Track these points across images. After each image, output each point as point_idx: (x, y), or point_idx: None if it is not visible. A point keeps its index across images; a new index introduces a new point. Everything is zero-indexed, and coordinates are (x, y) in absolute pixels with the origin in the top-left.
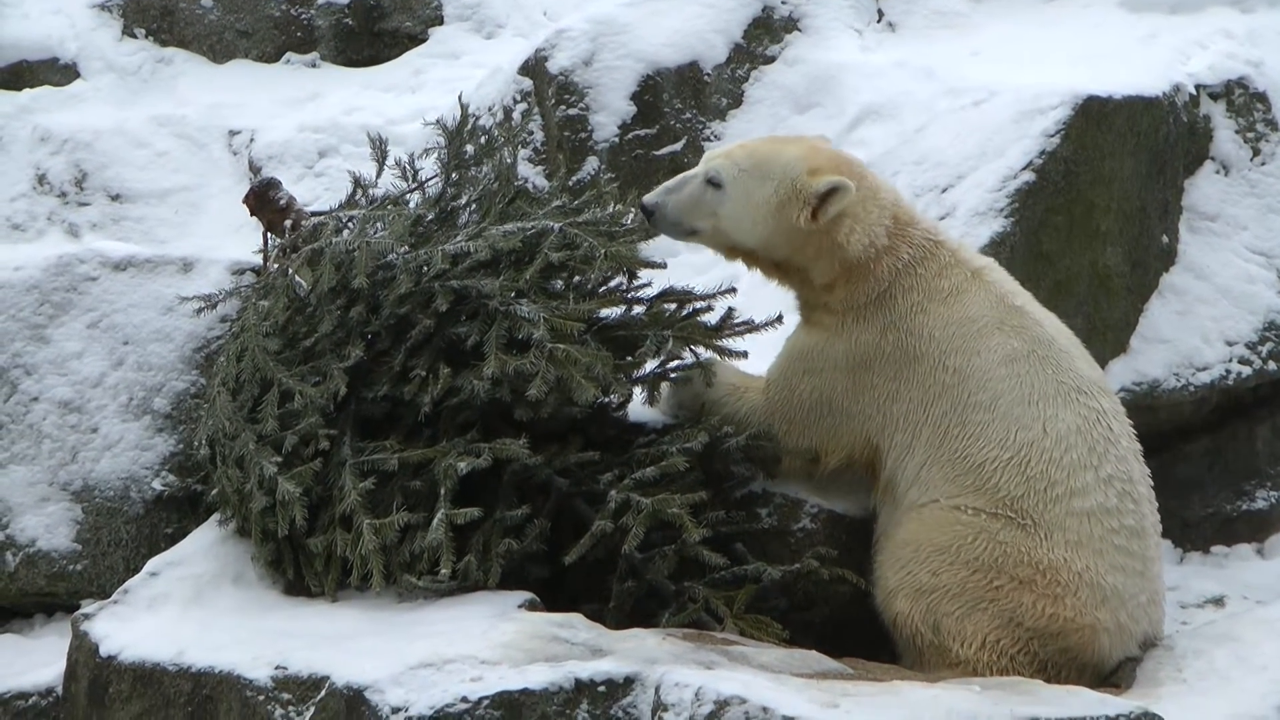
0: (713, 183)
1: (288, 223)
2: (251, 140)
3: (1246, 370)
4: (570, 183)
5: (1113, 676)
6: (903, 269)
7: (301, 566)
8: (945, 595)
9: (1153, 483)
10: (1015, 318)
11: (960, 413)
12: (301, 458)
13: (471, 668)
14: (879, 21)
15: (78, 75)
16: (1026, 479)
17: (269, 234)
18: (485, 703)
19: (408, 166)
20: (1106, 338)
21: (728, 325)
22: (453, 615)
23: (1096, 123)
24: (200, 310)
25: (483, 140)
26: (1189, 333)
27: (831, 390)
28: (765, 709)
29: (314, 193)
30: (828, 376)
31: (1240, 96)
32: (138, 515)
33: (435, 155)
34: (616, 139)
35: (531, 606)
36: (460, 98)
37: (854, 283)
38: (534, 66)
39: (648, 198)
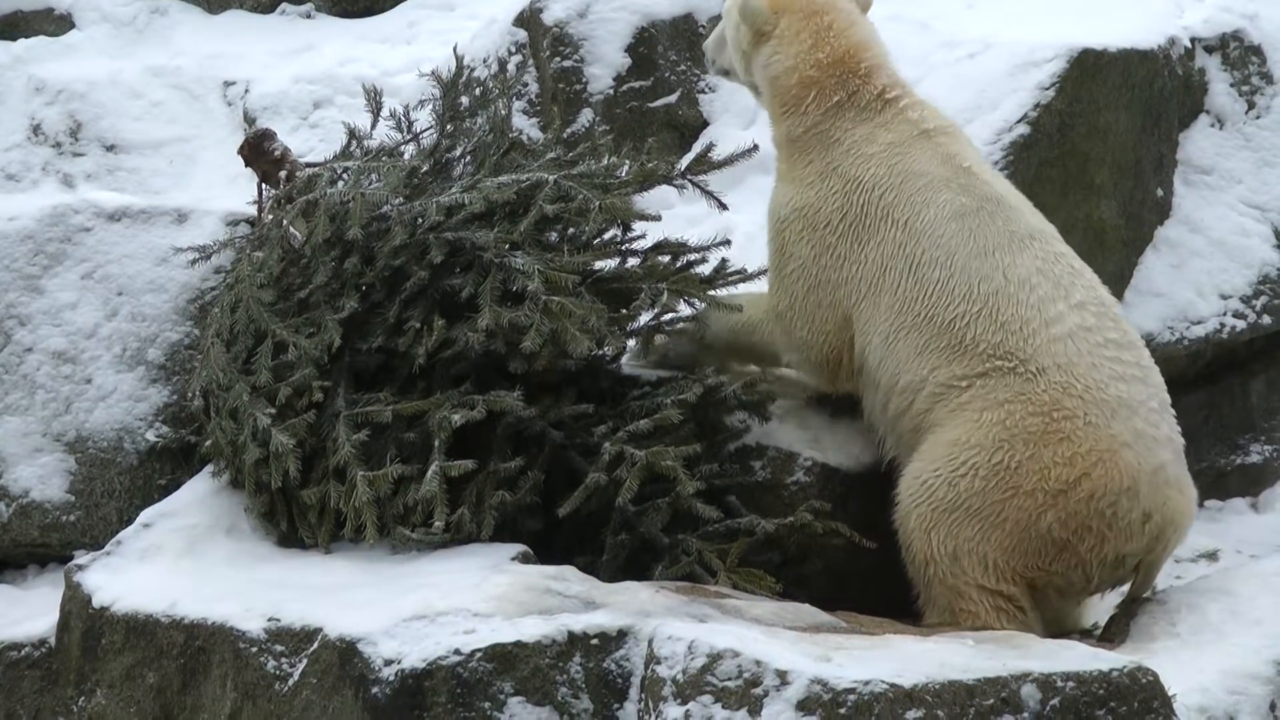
0: (724, 9)
1: (282, 174)
2: (246, 91)
3: (1240, 324)
4: (565, 135)
5: (1108, 629)
6: (835, 110)
7: (295, 518)
8: (966, 514)
9: None
10: (963, 177)
11: (915, 272)
12: (295, 409)
13: (464, 620)
14: None
15: (72, 25)
16: (1000, 325)
17: (264, 185)
18: (478, 655)
19: (402, 118)
20: None
21: (721, 275)
22: (446, 567)
23: (1091, 75)
24: (195, 261)
25: (477, 92)
26: (1183, 286)
27: (807, 259)
28: (758, 662)
29: (309, 144)
30: (798, 246)
31: (1235, 50)
32: (131, 466)
33: (430, 107)
34: (611, 91)
35: (525, 559)
36: (455, 49)
37: (788, 115)
38: (529, 18)
39: (705, 41)
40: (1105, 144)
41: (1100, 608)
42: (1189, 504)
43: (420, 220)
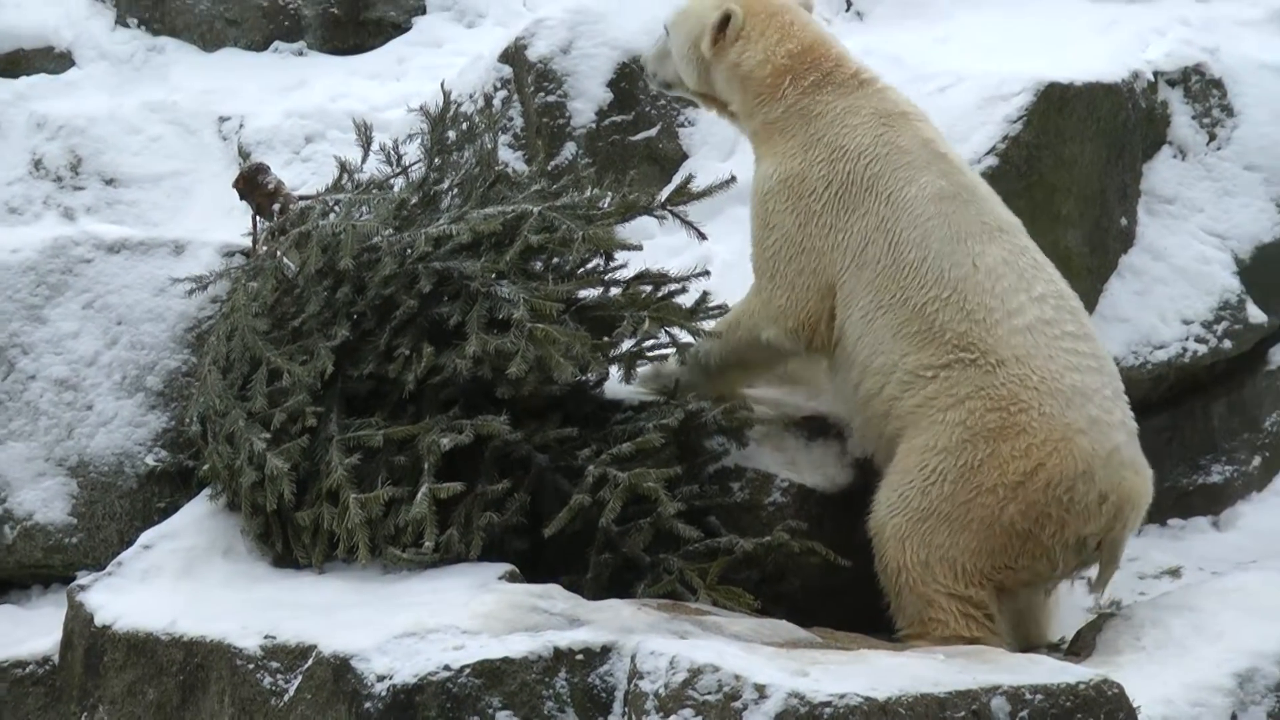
0: (666, 31)
1: (276, 206)
2: (241, 126)
3: (1202, 349)
4: (549, 167)
5: (1074, 643)
6: (813, 88)
7: (290, 539)
8: (938, 520)
9: None
10: (941, 162)
11: (895, 250)
12: (290, 434)
13: (453, 637)
14: (848, 10)
15: (72, 63)
16: (966, 313)
17: (258, 217)
18: (467, 671)
19: (392, 151)
20: None
21: (702, 308)
22: (435, 586)
23: (1058, 108)
24: (192, 291)
25: (464, 126)
26: (1147, 312)
27: (791, 229)
28: (737, 677)
29: (301, 177)
30: (783, 217)
31: (1197, 83)
32: (131, 490)
33: (418, 141)
34: (594, 125)
35: (511, 578)
36: (443, 85)
37: (764, 103)
38: (514, 54)
39: (641, 56)
40: (1071, 174)
41: (1068, 622)
42: (1145, 483)
43: (409, 251)
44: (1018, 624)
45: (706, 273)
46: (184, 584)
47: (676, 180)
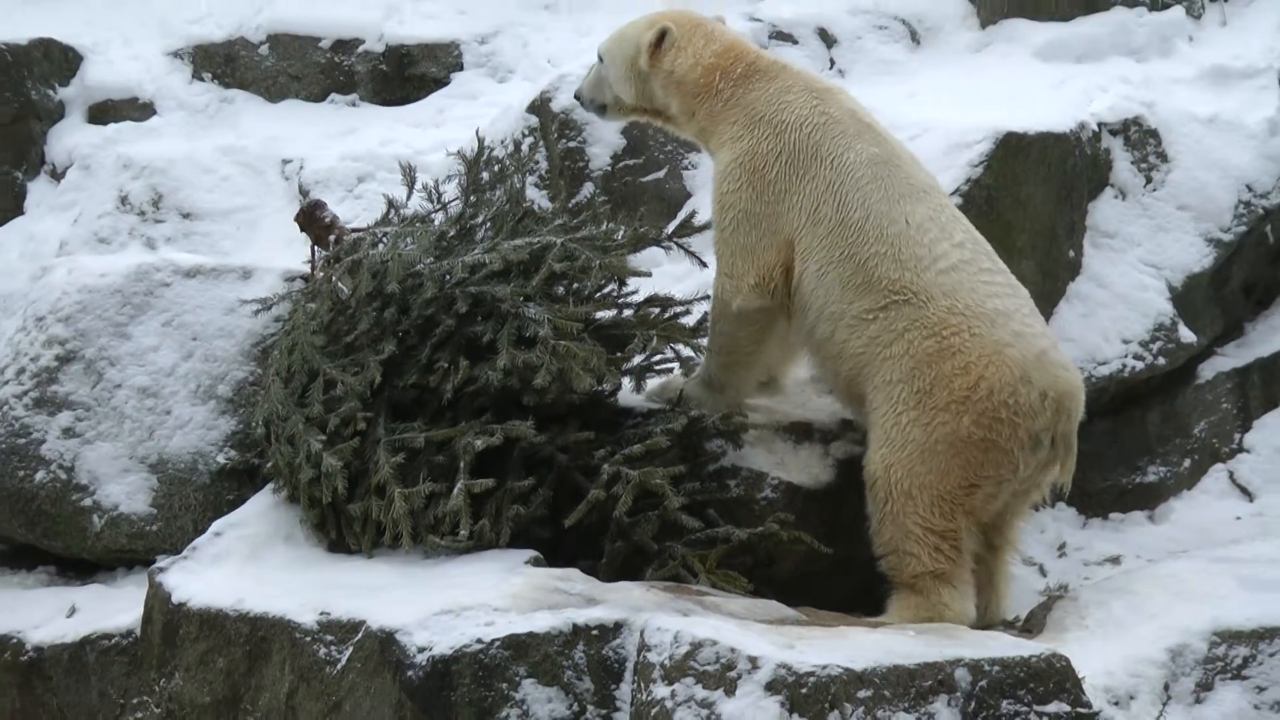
0: (600, 59)
1: (332, 237)
2: (301, 168)
3: (1140, 365)
4: (570, 204)
5: (1027, 621)
6: (743, 78)
7: (342, 528)
8: (915, 449)
9: None
10: (870, 131)
11: (841, 211)
12: (342, 436)
13: (485, 614)
14: (831, 68)
15: (154, 112)
16: (900, 264)
17: (316, 247)
18: (496, 644)
19: (433, 190)
20: None
21: (703, 328)
22: (469, 570)
23: (1014, 155)
24: (257, 311)
25: (496, 168)
26: (1091, 333)
27: (747, 204)
28: (733, 649)
29: (354, 212)
30: (740, 195)
31: (1135, 133)
32: (204, 484)
33: (456, 181)
34: (609, 167)
35: (536, 563)
36: (477, 132)
37: (702, 100)
38: (539, 106)
39: (575, 91)
40: (1026, 212)
41: (1021, 603)
42: (1076, 378)
43: (448, 277)
44: (980, 591)
45: (707, 296)
46: (250, 567)
47: (681, 216)
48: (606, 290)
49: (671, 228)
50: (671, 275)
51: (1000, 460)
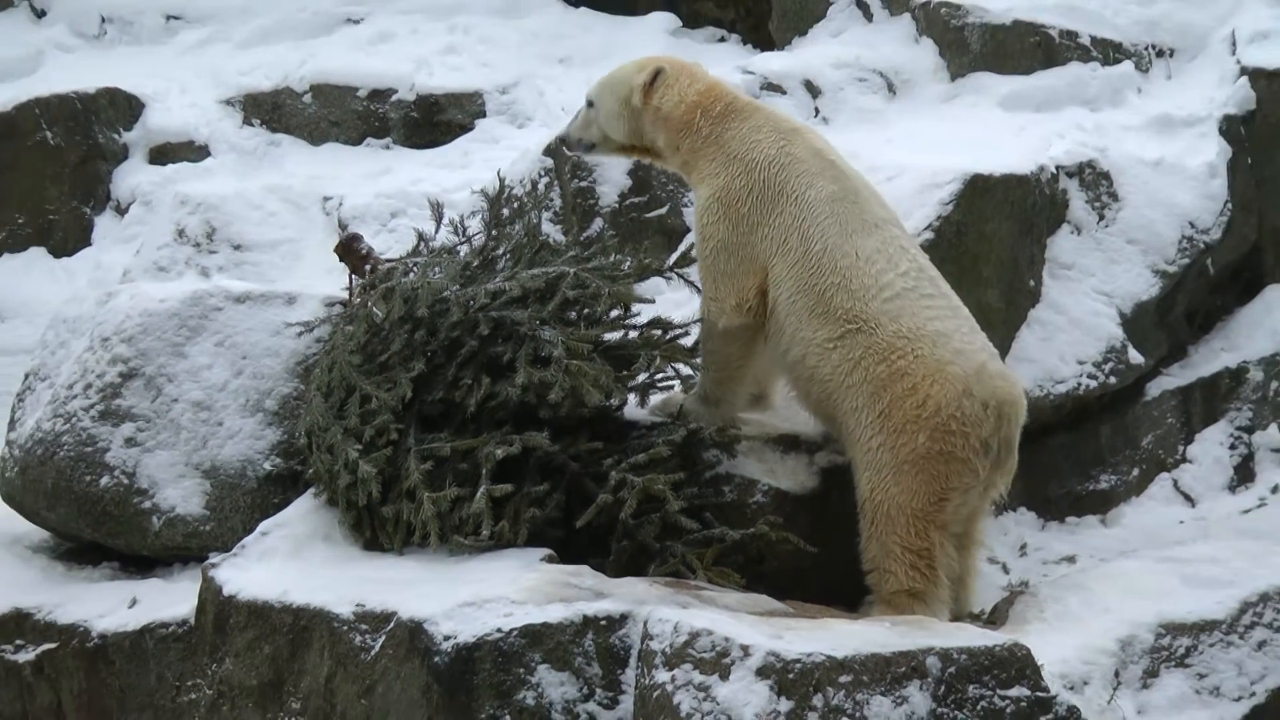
0: (590, 103)
1: (368, 267)
2: (340, 204)
3: (1093, 383)
4: (581, 238)
5: (992, 614)
6: (720, 118)
7: (376, 529)
8: (887, 469)
9: (1020, 465)
10: (831, 169)
11: (804, 244)
12: (376, 446)
13: (504, 606)
14: (815, 116)
15: (209, 154)
16: (851, 293)
17: (353, 275)
18: (514, 633)
19: (458, 225)
20: None
21: (700, 348)
22: (490, 566)
23: (980, 194)
24: (300, 333)
25: (515, 205)
26: (1050, 355)
27: (725, 235)
28: (727, 639)
29: (387, 244)
30: (718, 226)
31: (1089, 175)
32: (252, 489)
33: (479, 216)
34: (617, 204)
35: (550, 560)
36: (498, 173)
37: (684, 135)
38: (554, 149)
39: (560, 132)
40: (991, 246)
41: (986, 598)
42: (1015, 387)
43: (472, 302)
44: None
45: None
46: (293, 563)
47: (681, 248)
48: (614, 315)
49: (672, 259)
50: (672, 301)
51: (961, 470)
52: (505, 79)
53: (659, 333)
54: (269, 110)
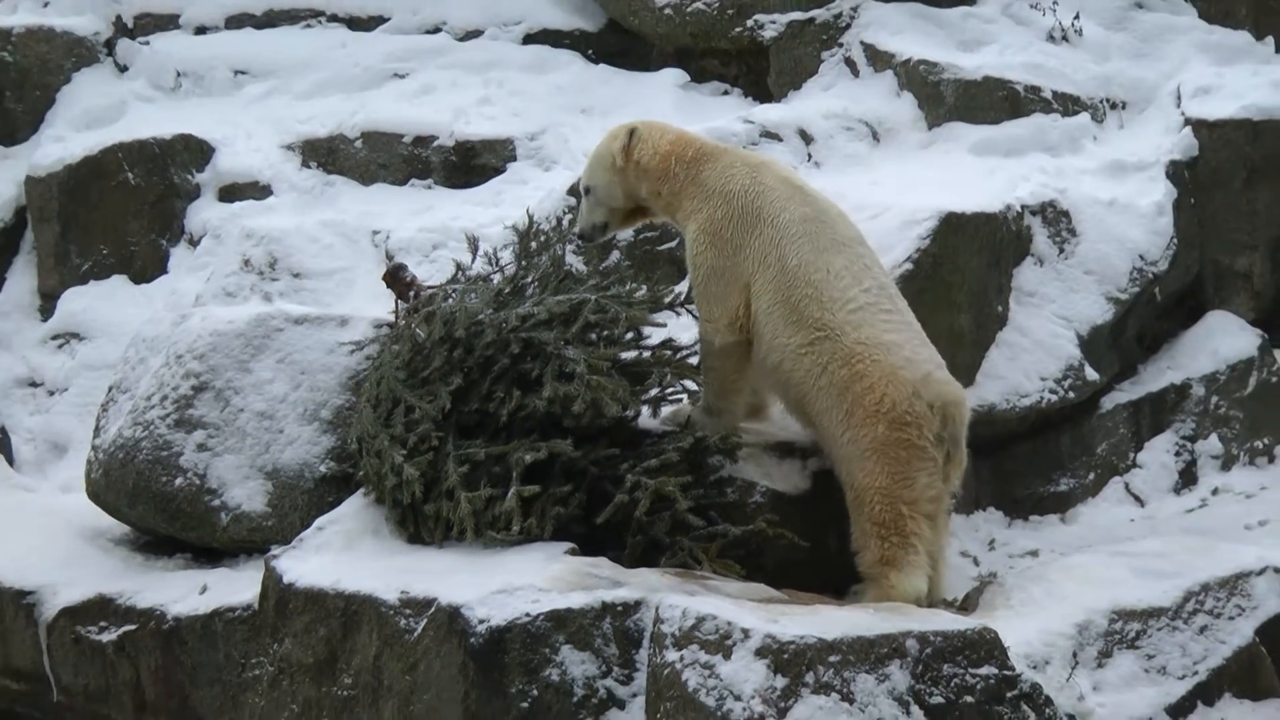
0: (586, 190)
1: (412, 293)
2: (387, 237)
3: (1054, 398)
4: (601, 268)
5: (964, 602)
6: (693, 162)
7: (419, 525)
8: (861, 458)
9: (989, 469)
10: (800, 194)
11: (780, 262)
12: (419, 451)
13: (532, 593)
14: (809, 161)
15: (271, 193)
16: (821, 304)
17: (399, 301)
18: (541, 617)
19: (492, 256)
20: (960, 375)
21: None
22: (520, 558)
23: (955, 230)
24: (352, 351)
25: (542, 239)
26: (1016, 372)
27: (712, 261)
28: (729, 623)
29: (429, 273)
30: (705, 254)
31: (1051, 213)
32: (309, 489)
33: (510, 249)
34: (632, 238)
35: (572, 553)
36: (528, 210)
37: (663, 182)
38: (577, 190)
39: (575, 230)
40: (963, 276)
41: (959, 587)
42: (959, 392)
43: (504, 325)
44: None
45: None
46: (345, 555)
47: (685, 284)
48: (630, 336)
49: (683, 294)
50: (681, 325)
51: (920, 454)
52: (534, 127)
53: (669, 352)
54: (325, 154)
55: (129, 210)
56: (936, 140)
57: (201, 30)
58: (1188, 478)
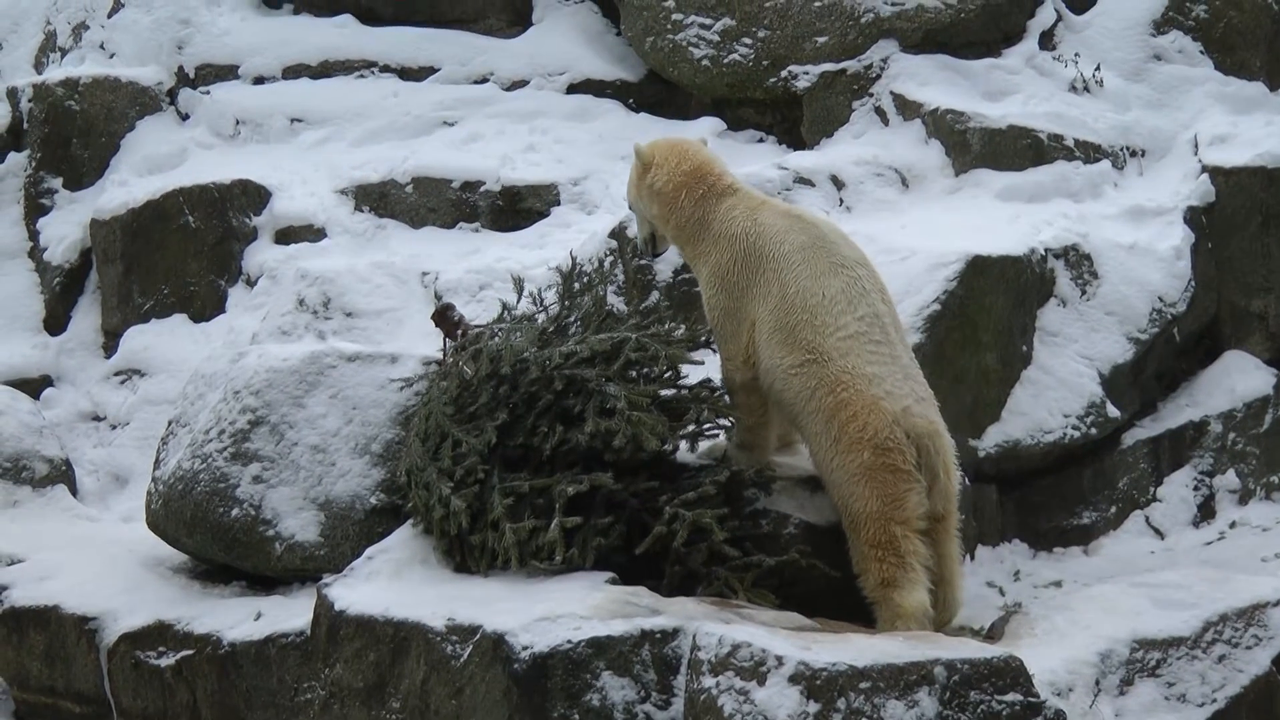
0: (630, 208)
1: (459, 332)
2: (436, 278)
3: (1076, 434)
4: (641, 308)
5: (990, 630)
6: (701, 200)
7: (465, 554)
8: (848, 484)
9: (1013, 503)
10: (799, 223)
11: (781, 290)
12: (466, 484)
13: (574, 621)
14: (840, 205)
15: (325, 235)
16: (814, 328)
17: (447, 339)
18: (582, 644)
19: (536, 296)
20: (986, 412)
21: None
22: (562, 587)
23: (981, 273)
24: (402, 388)
25: (585, 280)
26: (1040, 409)
27: (724, 304)
28: (764, 650)
29: (476, 313)
30: (717, 297)
31: (1073, 256)
32: (360, 520)
33: (554, 289)
34: (671, 279)
35: (613, 582)
36: (571, 253)
37: (672, 211)
38: (618, 233)
39: (642, 253)
40: (989, 317)
41: (984, 616)
42: (935, 424)
43: (548, 362)
44: (937, 587)
45: None
46: (394, 583)
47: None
48: (669, 374)
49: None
50: (716, 364)
51: (906, 475)
52: (576, 173)
53: (706, 390)
54: (377, 199)
55: (189, 252)
56: (963, 186)
57: (260, 80)
58: (1206, 511)
